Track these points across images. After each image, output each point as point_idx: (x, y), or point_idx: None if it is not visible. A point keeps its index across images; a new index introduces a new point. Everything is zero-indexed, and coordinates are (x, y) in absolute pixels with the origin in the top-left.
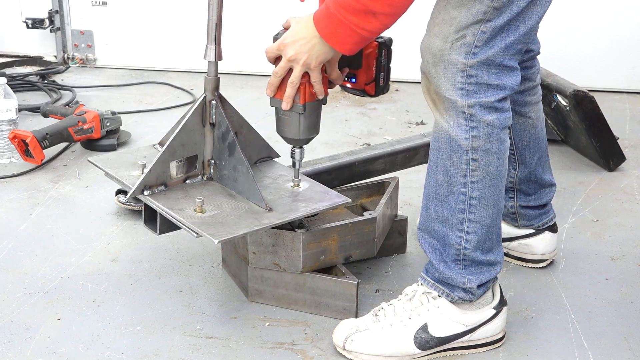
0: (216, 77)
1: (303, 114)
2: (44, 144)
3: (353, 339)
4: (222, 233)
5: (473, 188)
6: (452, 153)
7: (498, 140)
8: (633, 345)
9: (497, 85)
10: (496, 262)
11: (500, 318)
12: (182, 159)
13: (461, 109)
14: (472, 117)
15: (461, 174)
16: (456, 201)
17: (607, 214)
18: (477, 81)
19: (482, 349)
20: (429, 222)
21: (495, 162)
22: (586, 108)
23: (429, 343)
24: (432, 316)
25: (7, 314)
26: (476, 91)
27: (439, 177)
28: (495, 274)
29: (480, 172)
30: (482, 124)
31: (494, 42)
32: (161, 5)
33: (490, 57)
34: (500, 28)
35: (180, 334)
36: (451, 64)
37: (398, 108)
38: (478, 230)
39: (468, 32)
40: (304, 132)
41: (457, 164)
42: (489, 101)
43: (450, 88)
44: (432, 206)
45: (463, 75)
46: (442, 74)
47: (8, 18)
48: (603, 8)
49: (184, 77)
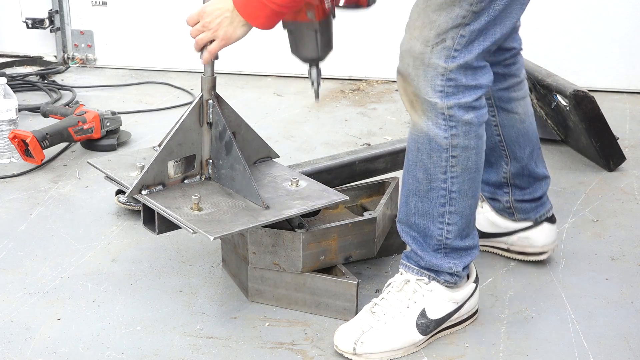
0: (213, 76)
1: (319, 31)
2: (44, 144)
3: (363, 340)
4: (218, 230)
5: (453, 182)
6: (432, 152)
7: (476, 137)
8: (633, 345)
9: (475, 86)
10: (474, 245)
11: (477, 291)
12: (179, 159)
13: (440, 110)
14: (451, 118)
15: (441, 171)
16: (437, 196)
17: (607, 214)
18: (456, 84)
19: (464, 323)
20: (409, 216)
21: (473, 156)
22: (586, 108)
23: (429, 327)
24: (428, 300)
25: (7, 314)
26: (455, 93)
27: (419, 175)
28: (474, 257)
29: (459, 167)
30: (460, 123)
31: (473, 47)
32: (161, 5)
33: (468, 62)
34: (478, 32)
35: (180, 334)
36: (431, 67)
37: (398, 108)
38: (458, 221)
39: (448, 36)
40: (322, 49)
41: (437, 162)
42: (467, 101)
43: (430, 90)
44: (412, 202)
45: (443, 78)
46: (422, 77)
47: (8, 18)
48: (603, 8)
49: (184, 77)
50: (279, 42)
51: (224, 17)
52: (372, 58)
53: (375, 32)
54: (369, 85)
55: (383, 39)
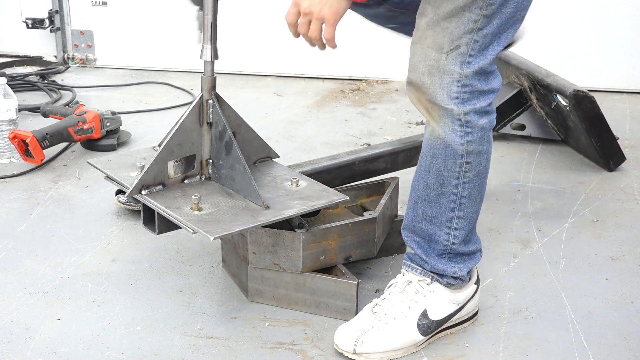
0: (213, 76)
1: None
2: (44, 144)
3: (363, 340)
4: (218, 230)
5: (464, 188)
6: (447, 158)
7: (488, 142)
8: (633, 345)
9: (488, 90)
10: (477, 250)
11: (478, 293)
12: (179, 159)
13: (457, 116)
14: (467, 124)
15: (454, 177)
16: (447, 201)
17: (607, 214)
18: (471, 89)
19: (465, 324)
20: (415, 222)
21: (484, 162)
22: (586, 108)
23: (430, 328)
24: (429, 301)
25: (7, 314)
26: (470, 99)
27: (430, 181)
28: (477, 261)
29: (472, 172)
30: (476, 129)
31: (487, 52)
32: (161, 5)
33: (483, 67)
34: (492, 36)
35: (180, 334)
36: (447, 73)
37: (398, 108)
38: (465, 226)
39: (462, 42)
40: None
41: (451, 167)
42: (483, 106)
43: (445, 97)
44: (420, 207)
45: (459, 84)
46: (438, 84)
47: (8, 18)
48: (603, 8)
49: (184, 77)
50: (279, 42)
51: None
52: (372, 58)
53: (375, 32)
54: (369, 85)
55: (383, 39)
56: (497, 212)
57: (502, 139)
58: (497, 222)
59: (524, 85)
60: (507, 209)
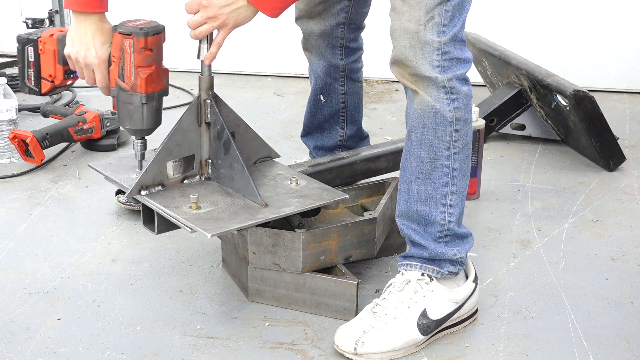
0: (210, 76)
1: (146, 104)
2: (44, 144)
3: (364, 341)
4: (216, 227)
5: (455, 159)
6: (437, 127)
7: (471, 111)
8: (633, 345)
9: (464, 59)
10: (468, 233)
11: (477, 291)
12: (178, 159)
13: (442, 83)
14: (452, 90)
15: (445, 147)
16: (440, 175)
17: (607, 214)
18: (450, 57)
19: (464, 323)
20: (410, 204)
21: (469, 130)
22: (586, 108)
23: (430, 327)
24: (429, 300)
25: (7, 314)
26: (450, 66)
27: (423, 155)
28: (471, 245)
29: (461, 142)
30: (461, 95)
31: (455, 20)
32: (161, 5)
33: (455, 34)
34: (457, 6)
35: (180, 334)
36: (427, 43)
37: (398, 108)
38: (459, 202)
39: (435, 13)
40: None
41: (442, 137)
42: (462, 73)
43: (428, 67)
44: (414, 187)
45: (439, 52)
46: (420, 55)
47: (8, 18)
48: (603, 8)
49: (184, 77)
50: (279, 42)
51: (235, 7)
52: (372, 58)
53: (375, 32)
54: (369, 85)
55: (383, 39)
56: (497, 212)
57: (502, 139)
58: (497, 222)
59: (524, 85)
60: (507, 209)
